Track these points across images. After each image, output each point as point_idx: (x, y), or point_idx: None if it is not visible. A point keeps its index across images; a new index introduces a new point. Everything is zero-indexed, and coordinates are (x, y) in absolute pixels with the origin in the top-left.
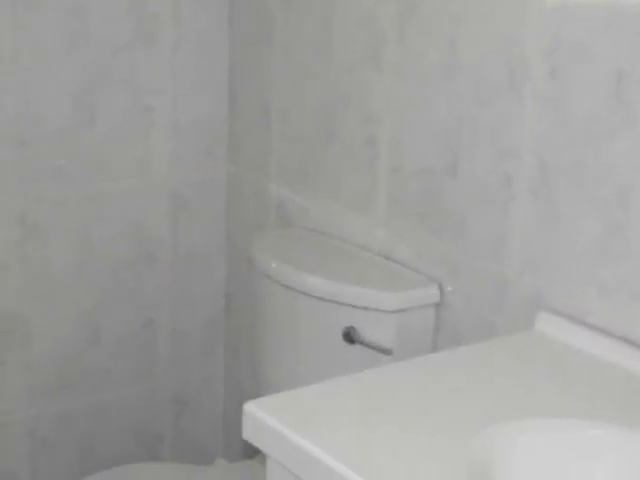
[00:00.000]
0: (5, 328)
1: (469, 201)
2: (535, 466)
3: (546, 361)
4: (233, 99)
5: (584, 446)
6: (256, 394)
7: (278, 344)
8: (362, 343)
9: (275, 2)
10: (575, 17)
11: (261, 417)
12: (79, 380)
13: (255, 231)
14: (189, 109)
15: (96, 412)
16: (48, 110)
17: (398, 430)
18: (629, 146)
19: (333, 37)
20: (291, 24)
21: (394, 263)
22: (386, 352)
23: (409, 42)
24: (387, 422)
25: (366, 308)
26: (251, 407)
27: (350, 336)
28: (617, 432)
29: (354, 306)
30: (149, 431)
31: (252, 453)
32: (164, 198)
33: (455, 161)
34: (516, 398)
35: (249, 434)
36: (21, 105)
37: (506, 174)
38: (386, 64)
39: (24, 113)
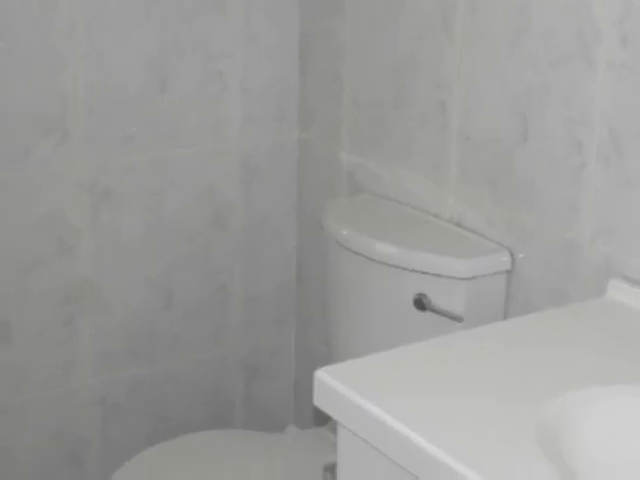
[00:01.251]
0: (77, 294)
1: (540, 168)
2: (605, 433)
3: (617, 328)
4: (304, 65)
5: None
6: (327, 361)
7: (349, 311)
8: (433, 310)
9: None
10: None
11: (332, 384)
12: (151, 346)
13: (326, 198)
14: (260, 75)
15: (167, 378)
16: (120, 76)
17: (468, 397)
18: None
19: (404, 3)
20: None
21: (465, 230)
22: (457, 319)
23: (480, 8)
24: (457, 389)
25: (437, 275)
26: (322, 374)
27: (421, 303)
28: None
29: (425, 273)
30: (220, 398)
31: (323, 420)
32: (235, 164)
33: (525, 128)
34: (587, 365)
35: (320, 401)
36: (93, 72)
37: (577, 140)
38: (457, 30)
39: (96, 80)
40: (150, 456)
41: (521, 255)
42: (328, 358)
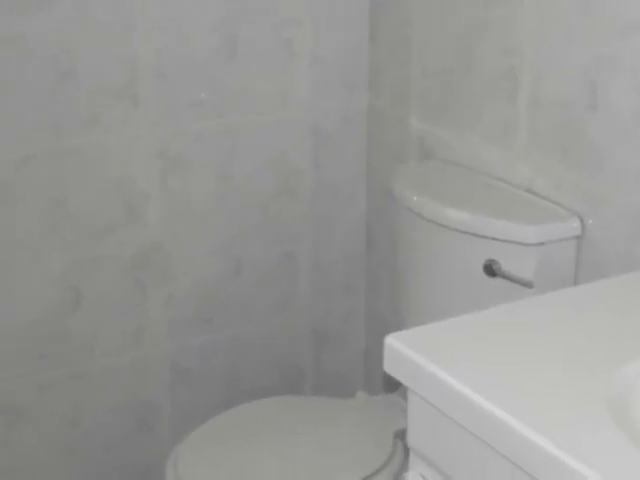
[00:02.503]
0: (147, 260)
1: (610, 133)
2: None
3: None
4: (374, 31)
5: None
6: (397, 327)
7: (419, 277)
8: (503, 276)
9: None
10: None
11: (402, 350)
12: (221, 312)
13: (395, 164)
14: (330, 42)
15: (237, 345)
16: (189, 42)
17: (539, 363)
18: None
19: None
20: None
21: (535, 196)
22: (527, 285)
23: None
24: (528, 355)
25: (507, 241)
26: (392, 340)
27: (491, 269)
28: None
29: (495, 239)
30: (290, 364)
31: (393, 386)
32: (304, 131)
33: (595, 93)
34: None
35: (390, 367)
36: (163, 38)
37: None
38: None
39: (166, 46)
40: (220, 422)
41: (591, 221)
42: (398, 324)
